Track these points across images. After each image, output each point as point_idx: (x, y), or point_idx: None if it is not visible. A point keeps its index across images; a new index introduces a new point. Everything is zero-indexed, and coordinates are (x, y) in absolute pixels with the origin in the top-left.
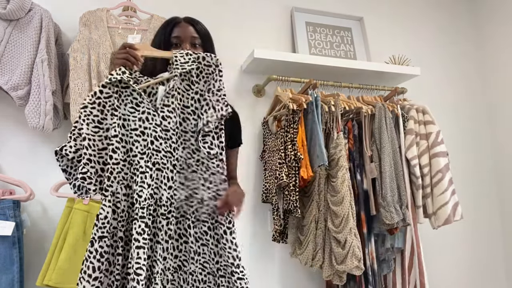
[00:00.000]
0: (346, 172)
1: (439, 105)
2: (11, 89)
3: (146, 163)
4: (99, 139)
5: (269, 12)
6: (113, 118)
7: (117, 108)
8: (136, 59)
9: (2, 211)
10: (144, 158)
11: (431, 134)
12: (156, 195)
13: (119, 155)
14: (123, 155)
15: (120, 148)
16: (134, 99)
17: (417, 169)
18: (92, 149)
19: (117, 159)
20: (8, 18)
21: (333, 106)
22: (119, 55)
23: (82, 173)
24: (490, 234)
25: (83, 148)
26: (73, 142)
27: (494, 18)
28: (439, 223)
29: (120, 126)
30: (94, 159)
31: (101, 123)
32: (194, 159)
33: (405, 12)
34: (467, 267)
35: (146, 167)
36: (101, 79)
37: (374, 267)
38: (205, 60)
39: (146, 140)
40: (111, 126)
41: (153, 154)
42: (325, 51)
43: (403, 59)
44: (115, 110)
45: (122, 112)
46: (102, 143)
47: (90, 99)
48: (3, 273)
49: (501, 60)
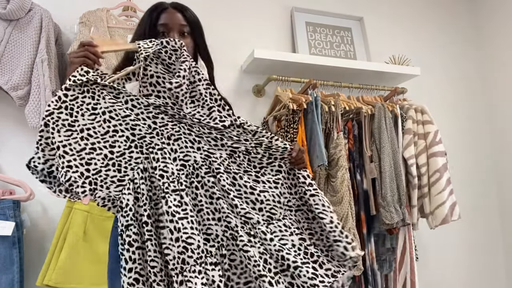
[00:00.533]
0: (346, 172)
1: (439, 105)
2: (11, 89)
3: (160, 139)
4: (75, 142)
5: (269, 12)
6: (86, 117)
7: (95, 106)
8: (96, 56)
9: (2, 211)
10: (155, 136)
11: (429, 134)
12: (188, 163)
13: (120, 146)
14: (125, 143)
15: (118, 140)
16: (110, 92)
17: (413, 169)
18: (70, 155)
19: (120, 151)
20: (8, 18)
21: (333, 106)
22: (77, 54)
23: (66, 181)
24: (490, 234)
25: (56, 158)
26: (41, 153)
27: (494, 18)
28: (436, 223)
29: (106, 120)
30: (74, 163)
31: (72, 125)
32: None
33: (405, 12)
34: (466, 267)
35: (161, 143)
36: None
37: (374, 267)
38: (169, 44)
39: (146, 121)
40: (86, 126)
41: (163, 129)
42: (325, 51)
43: (403, 59)
44: (91, 109)
45: (103, 107)
46: (79, 145)
47: (55, 104)
48: (3, 273)
49: (501, 60)
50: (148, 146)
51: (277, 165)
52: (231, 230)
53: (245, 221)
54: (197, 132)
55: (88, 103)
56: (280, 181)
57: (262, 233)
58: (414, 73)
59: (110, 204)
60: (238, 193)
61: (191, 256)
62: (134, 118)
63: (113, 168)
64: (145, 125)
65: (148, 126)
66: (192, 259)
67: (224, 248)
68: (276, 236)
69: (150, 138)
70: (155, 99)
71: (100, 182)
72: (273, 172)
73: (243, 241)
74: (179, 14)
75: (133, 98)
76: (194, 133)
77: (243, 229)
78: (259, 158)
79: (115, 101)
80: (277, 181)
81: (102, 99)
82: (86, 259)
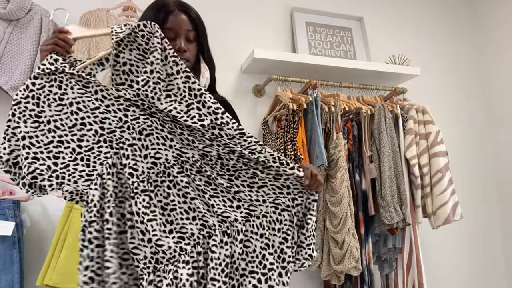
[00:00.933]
0: (345, 172)
1: (439, 105)
2: (11, 89)
3: (131, 134)
4: (42, 134)
5: (269, 12)
6: (52, 107)
7: (62, 96)
8: (66, 42)
9: (2, 211)
10: (125, 130)
11: (431, 134)
12: (159, 161)
13: (89, 140)
14: (94, 137)
15: (86, 134)
16: (78, 81)
17: (416, 169)
18: (37, 147)
19: (88, 145)
20: (8, 18)
21: (333, 107)
22: (47, 42)
23: (30, 173)
24: (490, 234)
25: (21, 148)
26: (7, 143)
27: (494, 18)
28: (439, 222)
29: (74, 112)
30: (41, 156)
31: (39, 116)
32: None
33: (405, 12)
34: (467, 267)
35: (132, 138)
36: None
37: (371, 268)
38: (146, 28)
39: (116, 114)
40: (53, 118)
41: (134, 123)
42: (325, 51)
43: (403, 59)
44: (58, 100)
45: (71, 97)
46: (46, 137)
47: (23, 93)
48: (3, 273)
49: (501, 60)
50: (118, 141)
51: (253, 170)
52: (208, 229)
53: (222, 220)
54: (169, 129)
55: (55, 93)
56: (257, 184)
57: (236, 233)
58: (414, 73)
59: (78, 198)
60: (214, 192)
61: (164, 257)
62: (104, 111)
63: (81, 162)
64: (115, 118)
65: (118, 119)
66: (164, 259)
67: (200, 245)
68: (251, 233)
69: (120, 133)
70: (125, 91)
71: (68, 176)
72: (248, 175)
73: (215, 240)
74: (185, 17)
75: (103, 89)
76: (166, 129)
77: (220, 227)
78: (232, 164)
79: (84, 92)
80: (252, 185)
81: (70, 89)
82: None
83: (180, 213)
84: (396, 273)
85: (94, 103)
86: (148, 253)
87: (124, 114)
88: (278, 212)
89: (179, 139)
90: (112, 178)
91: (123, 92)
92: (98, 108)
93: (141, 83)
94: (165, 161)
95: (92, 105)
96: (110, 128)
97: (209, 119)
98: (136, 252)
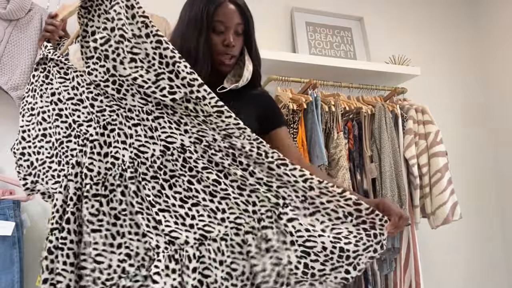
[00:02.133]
0: (346, 172)
1: (439, 105)
2: (11, 89)
3: (96, 128)
4: (33, 127)
5: (269, 12)
6: (44, 98)
7: (48, 85)
8: (53, 25)
9: (2, 211)
10: (92, 125)
11: (430, 134)
12: (118, 161)
13: (60, 133)
14: (66, 130)
15: (60, 126)
16: (60, 69)
17: (415, 169)
18: (27, 141)
19: (60, 138)
20: (8, 18)
21: (333, 106)
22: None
23: (17, 165)
24: (490, 234)
25: (18, 143)
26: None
27: (494, 18)
28: (438, 223)
29: (53, 102)
30: (28, 151)
31: (33, 109)
32: (152, 103)
33: (405, 12)
34: (466, 267)
35: (96, 133)
36: None
37: (374, 267)
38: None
39: (86, 105)
40: (42, 109)
41: (99, 116)
42: (325, 51)
43: (403, 59)
44: (45, 90)
45: (54, 87)
46: (35, 131)
47: (27, 88)
48: (3, 273)
49: (501, 60)
50: (83, 136)
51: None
52: (153, 251)
53: (169, 241)
54: (135, 119)
55: (47, 83)
56: (219, 194)
57: (187, 259)
58: (414, 73)
59: (50, 200)
60: (165, 205)
61: (99, 277)
62: (76, 102)
63: (55, 159)
64: (85, 110)
65: (87, 111)
66: (100, 281)
67: (145, 269)
68: (203, 263)
69: (87, 127)
70: (96, 71)
71: (42, 175)
72: (210, 179)
73: (157, 267)
74: (235, 9)
75: (78, 75)
76: (130, 121)
77: (166, 250)
78: (195, 159)
79: (63, 80)
80: (215, 194)
81: (55, 78)
82: None
83: (128, 225)
84: (395, 273)
85: (69, 93)
86: (89, 270)
87: (91, 104)
88: (242, 234)
89: (143, 130)
90: (73, 179)
91: (94, 74)
92: (72, 98)
93: (100, 41)
94: (122, 163)
95: (67, 95)
96: (79, 121)
97: (183, 92)
98: (84, 266)
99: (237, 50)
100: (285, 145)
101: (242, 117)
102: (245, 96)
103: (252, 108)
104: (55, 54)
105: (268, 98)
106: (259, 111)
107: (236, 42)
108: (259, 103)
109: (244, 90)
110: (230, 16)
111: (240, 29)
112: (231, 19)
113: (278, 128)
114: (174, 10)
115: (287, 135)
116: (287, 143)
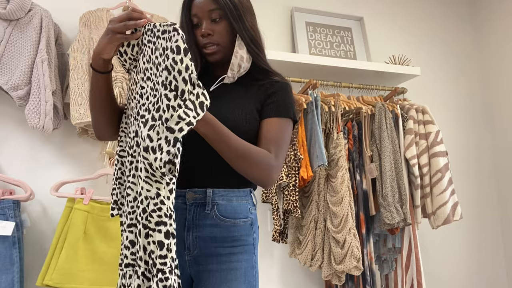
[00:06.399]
0: (346, 172)
1: (439, 105)
2: (11, 89)
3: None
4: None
5: (269, 12)
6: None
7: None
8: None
9: (2, 211)
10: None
11: (431, 134)
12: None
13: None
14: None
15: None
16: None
17: (416, 169)
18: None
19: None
20: (8, 18)
21: (333, 106)
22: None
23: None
24: (490, 234)
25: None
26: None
27: (494, 18)
28: (438, 223)
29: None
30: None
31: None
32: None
33: (405, 12)
34: (467, 266)
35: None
36: None
37: (373, 268)
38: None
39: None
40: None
41: (136, 104)
42: (325, 51)
43: (403, 59)
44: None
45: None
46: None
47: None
48: (3, 273)
49: (501, 60)
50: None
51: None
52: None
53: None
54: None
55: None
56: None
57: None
58: (414, 73)
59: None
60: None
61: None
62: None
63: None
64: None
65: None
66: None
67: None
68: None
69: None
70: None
71: None
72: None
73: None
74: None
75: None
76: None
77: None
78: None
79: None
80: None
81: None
82: (86, 259)
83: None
84: (396, 273)
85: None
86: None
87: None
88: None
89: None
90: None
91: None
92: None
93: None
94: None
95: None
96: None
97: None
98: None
99: (218, 37)
100: (260, 137)
101: (226, 101)
102: (248, 84)
103: (252, 95)
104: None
105: (275, 88)
106: (261, 100)
107: (214, 29)
108: (261, 91)
109: (251, 77)
110: (201, 6)
111: (216, 15)
112: (201, 8)
113: (267, 119)
114: (174, 10)
115: (271, 127)
116: (264, 134)
